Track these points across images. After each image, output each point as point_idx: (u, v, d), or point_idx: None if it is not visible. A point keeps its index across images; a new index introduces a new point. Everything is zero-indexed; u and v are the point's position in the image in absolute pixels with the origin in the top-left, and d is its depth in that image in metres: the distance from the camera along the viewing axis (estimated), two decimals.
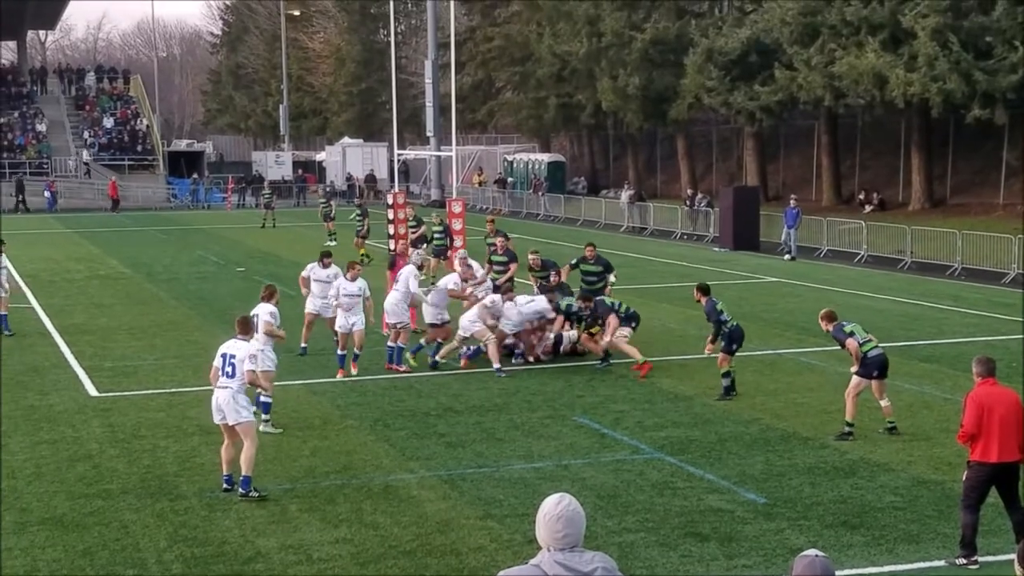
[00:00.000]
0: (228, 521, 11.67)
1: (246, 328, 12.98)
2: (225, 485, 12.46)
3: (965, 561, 10.09)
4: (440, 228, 29.12)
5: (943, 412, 15.81)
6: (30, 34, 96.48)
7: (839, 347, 15.01)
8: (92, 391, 17.68)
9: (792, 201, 38.48)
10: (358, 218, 37.37)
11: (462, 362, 19.17)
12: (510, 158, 66.63)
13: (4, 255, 22.99)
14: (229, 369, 12.41)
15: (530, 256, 21.48)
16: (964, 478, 10.50)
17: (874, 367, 14.42)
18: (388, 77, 46.89)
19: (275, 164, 75.55)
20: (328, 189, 61.80)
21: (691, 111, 50.99)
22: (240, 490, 12.27)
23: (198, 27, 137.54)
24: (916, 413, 15.87)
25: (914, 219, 38.91)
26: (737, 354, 17.03)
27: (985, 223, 36.77)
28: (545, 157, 63.73)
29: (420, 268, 20.66)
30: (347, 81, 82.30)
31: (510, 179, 64.04)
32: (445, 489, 12.68)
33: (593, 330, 19.15)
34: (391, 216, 39.29)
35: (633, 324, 18.66)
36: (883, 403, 14.63)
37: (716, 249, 38.98)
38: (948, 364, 18.87)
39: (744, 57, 46.25)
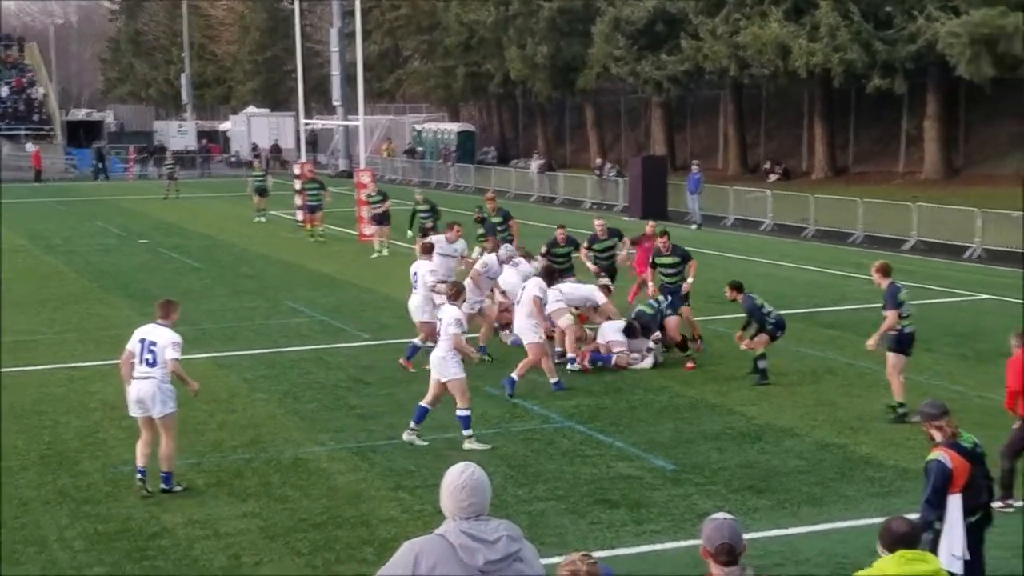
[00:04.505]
0: (132, 497, 11.46)
1: (167, 312, 11.75)
2: (139, 478, 11.53)
3: (1002, 504, 10.31)
4: (426, 207, 27.45)
5: (846, 377, 16.12)
6: None
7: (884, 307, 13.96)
8: None
9: (694, 167, 38.88)
10: (312, 193, 34.28)
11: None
12: (419, 128, 66.21)
13: None
14: (149, 357, 11.34)
15: (595, 223, 20.07)
16: (1015, 428, 10.93)
17: (908, 343, 13.95)
18: (293, 45, 46.26)
19: (178, 134, 74.17)
20: (265, 159, 58.51)
21: (599, 80, 51.11)
22: (161, 486, 11.52)
23: None
24: (820, 378, 16.15)
25: (817, 188, 39.54)
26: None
27: (886, 191, 37.52)
28: (454, 127, 63.44)
29: (506, 262, 18.01)
30: (251, 49, 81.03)
31: (419, 149, 63.67)
32: (355, 461, 12.61)
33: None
34: (297, 186, 38.96)
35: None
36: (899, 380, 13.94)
37: (625, 218, 39.22)
38: (851, 330, 19.22)
39: (651, 26, 46.43)
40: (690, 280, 17.82)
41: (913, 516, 7.68)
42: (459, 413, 12.96)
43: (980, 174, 39.44)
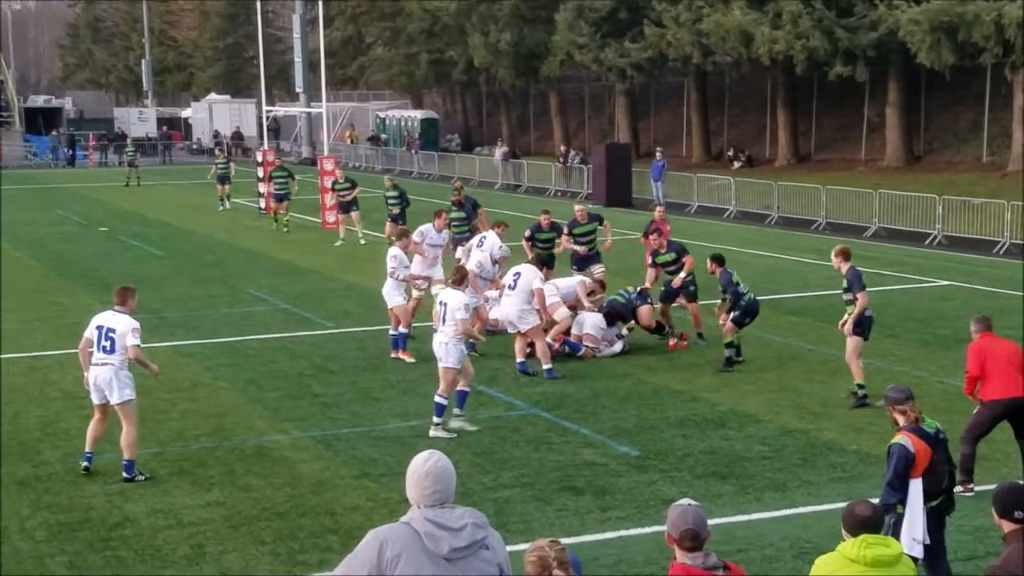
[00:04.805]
0: (94, 487, 11.37)
1: (125, 299, 11.66)
2: (85, 463, 11.65)
3: (963, 489, 10.39)
4: (395, 194, 27.20)
5: (808, 363, 16.22)
6: None
7: (848, 292, 13.88)
8: None
9: (658, 154, 38.97)
10: (281, 182, 33.42)
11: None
12: (382, 115, 65.95)
13: None
14: (107, 344, 11.29)
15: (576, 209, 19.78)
16: (974, 413, 11.05)
17: (869, 327, 14.02)
18: (255, 32, 45.91)
19: (138, 121, 73.51)
20: (226, 147, 58.03)
21: (563, 68, 51.06)
22: (124, 474, 11.46)
23: None
24: (783, 364, 16.24)
25: (780, 175, 39.74)
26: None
27: (848, 178, 37.75)
28: (418, 114, 63.24)
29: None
30: (212, 35, 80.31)
31: (383, 136, 63.42)
32: (320, 449, 12.56)
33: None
34: (260, 174, 38.72)
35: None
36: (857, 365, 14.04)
37: (590, 206, 39.24)
38: (813, 316, 19.35)
39: (614, 14, 46.46)
40: (682, 276, 17.24)
41: (876, 500, 7.73)
42: (437, 399, 12.94)
43: (941, 161, 39.78)
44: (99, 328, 11.42)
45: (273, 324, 19.50)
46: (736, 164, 45.16)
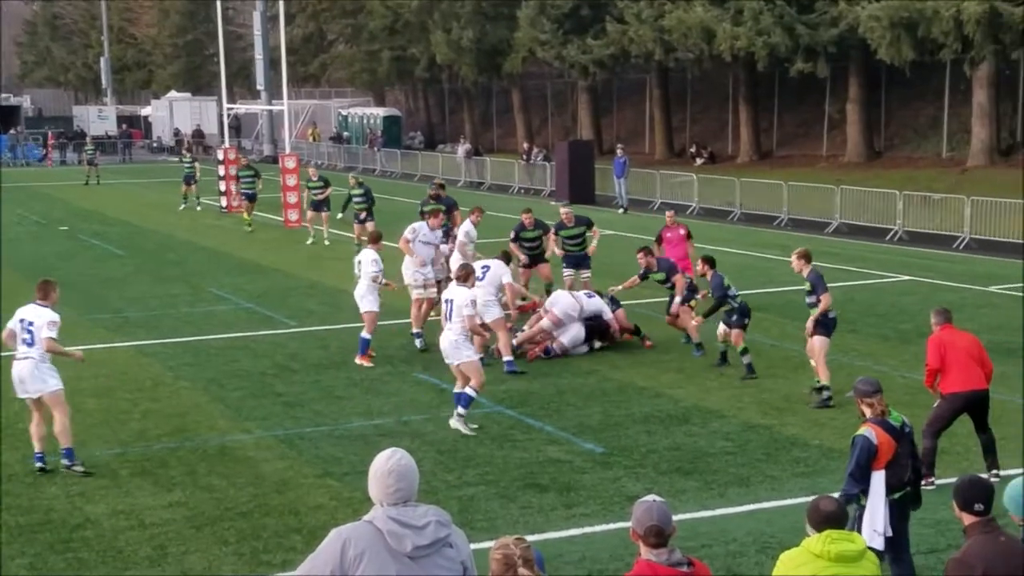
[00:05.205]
0: (54, 488, 11.25)
1: (46, 292, 11.74)
2: (39, 464, 11.60)
3: (924, 482, 10.44)
4: (360, 192, 27.10)
5: (771, 359, 16.28)
6: None
7: (811, 294, 13.93)
8: None
9: (619, 151, 39.05)
10: (248, 181, 33.09)
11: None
12: (344, 112, 65.70)
13: None
14: (27, 336, 11.41)
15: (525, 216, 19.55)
16: (935, 406, 11.12)
17: (833, 328, 14.11)
18: (215, 29, 45.61)
19: (98, 119, 72.81)
20: (188, 145, 57.21)
21: (525, 65, 51.09)
22: (63, 462, 11.53)
23: None
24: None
25: (743, 171, 39.92)
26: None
27: (809, 174, 37.99)
28: (380, 111, 63.05)
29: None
30: (172, 33, 79.70)
31: (345, 134, 63.18)
32: (283, 449, 12.48)
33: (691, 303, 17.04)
34: (221, 172, 38.46)
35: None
36: (813, 363, 14.12)
37: (553, 203, 39.27)
38: (776, 312, 19.43)
39: (576, 10, 46.51)
40: (677, 300, 16.73)
41: (839, 495, 7.77)
42: (468, 391, 12.85)
43: (901, 156, 40.12)
44: (21, 321, 11.60)
45: (235, 323, 19.37)
46: (698, 161, 45.34)
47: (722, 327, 15.54)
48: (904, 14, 32.56)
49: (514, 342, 16.31)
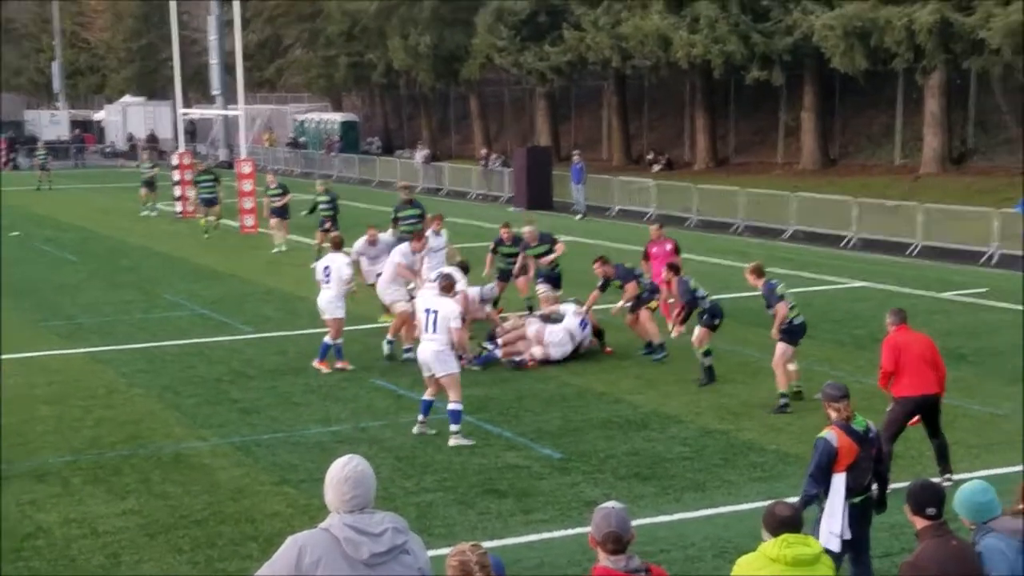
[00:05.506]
0: (5, 497, 11.08)
1: None
2: None
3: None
4: (327, 198, 26.84)
5: (728, 364, 16.35)
6: None
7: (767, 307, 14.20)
8: None
9: (575, 157, 39.15)
10: (207, 186, 32.81)
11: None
12: (301, 117, 65.36)
13: None
14: None
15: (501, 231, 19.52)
16: (888, 411, 11.17)
17: (799, 334, 14.19)
18: (169, 33, 45.21)
19: (50, 123, 72.06)
20: (141, 149, 56.39)
21: (483, 71, 51.08)
22: None
23: None
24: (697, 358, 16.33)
25: (699, 178, 40.10)
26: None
27: (765, 181, 38.22)
28: (338, 117, 62.78)
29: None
30: (125, 37, 78.94)
31: (302, 139, 62.87)
32: (239, 456, 12.38)
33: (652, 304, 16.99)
34: (176, 177, 38.15)
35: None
36: (792, 367, 14.26)
37: (511, 209, 39.30)
38: (732, 318, 19.41)
39: (533, 17, 46.57)
40: (623, 305, 17.07)
41: (795, 500, 7.81)
42: (451, 407, 12.72)
43: (855, 164, 40.49)
44: None
45: (191, 329, 19.21)
46: (656, 167, 45.51)
47: (697, 330, 15.45)
48: (857, 23, 32.88)
49: (499, 342, 16.54)
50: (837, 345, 17.65)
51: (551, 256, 19.04)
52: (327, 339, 16.14)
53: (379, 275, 17.68)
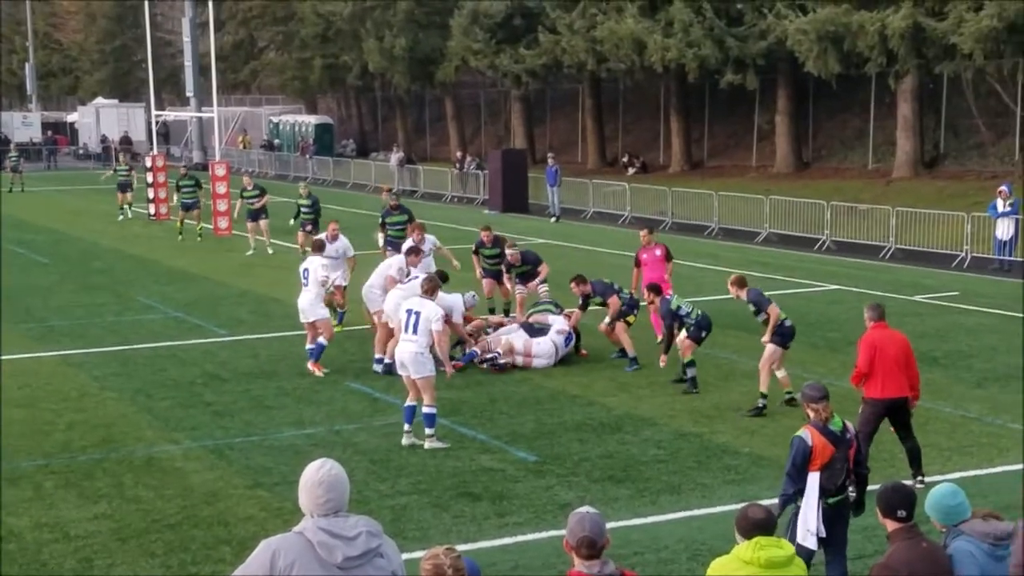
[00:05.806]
0: None
1: None
2: None
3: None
4: (308, 202, 26.75)
5: (703, 367, 16.33)
6: None
7: (756, 313, 14.18)
8: None
9: (550, 160, 39.20)
10: (188, 190, 32.42)
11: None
12: (275, 120, 65.18)
13: None
14: None
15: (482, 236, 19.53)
16: (859, 413, 11.18)
17: (790, 336, 14.18)
18: (143, 34, 45.06)
19: (22, 125, 71.51)
20: (115, 152, 55.86)
21: (458, 73, 51.09)
22: None
23: None
24: (677, 368, 16.36)
25: (674, 181, 40.22)
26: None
27: (739, 184, 38.38)
28: (312, 119, 62.63)
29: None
30: (99, 38, 78.49)
31: (276, 141, 62.69)
32: (212, 459, 12.32)
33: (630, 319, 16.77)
34: (150, 180, 37.96)
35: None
36: (780, 374, 14.22)
37: (486, 211, 39.31)
38: None
39: (509, 20, 46.62)
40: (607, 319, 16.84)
41: (768, 502, 7.85)
42: (425, 411, 12.65)
43: (828, 167, 40.70)
44: None
45: (164, 332, 19.11)
46: (631, 170, 45.62)
47: (683, 340, 15.32)
48: (831, 28, 33.05)
49: (475, 348, 16.50)
50: (811, 348, 17.71)
51: (535, 281, 18.73)
52: (321, 340, 16.04)
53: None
